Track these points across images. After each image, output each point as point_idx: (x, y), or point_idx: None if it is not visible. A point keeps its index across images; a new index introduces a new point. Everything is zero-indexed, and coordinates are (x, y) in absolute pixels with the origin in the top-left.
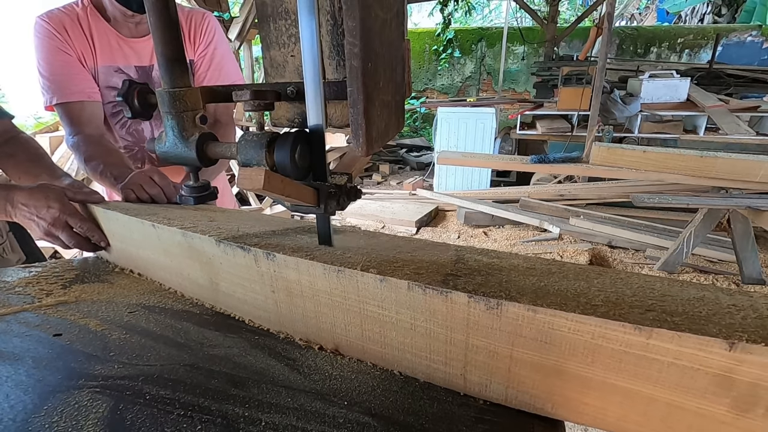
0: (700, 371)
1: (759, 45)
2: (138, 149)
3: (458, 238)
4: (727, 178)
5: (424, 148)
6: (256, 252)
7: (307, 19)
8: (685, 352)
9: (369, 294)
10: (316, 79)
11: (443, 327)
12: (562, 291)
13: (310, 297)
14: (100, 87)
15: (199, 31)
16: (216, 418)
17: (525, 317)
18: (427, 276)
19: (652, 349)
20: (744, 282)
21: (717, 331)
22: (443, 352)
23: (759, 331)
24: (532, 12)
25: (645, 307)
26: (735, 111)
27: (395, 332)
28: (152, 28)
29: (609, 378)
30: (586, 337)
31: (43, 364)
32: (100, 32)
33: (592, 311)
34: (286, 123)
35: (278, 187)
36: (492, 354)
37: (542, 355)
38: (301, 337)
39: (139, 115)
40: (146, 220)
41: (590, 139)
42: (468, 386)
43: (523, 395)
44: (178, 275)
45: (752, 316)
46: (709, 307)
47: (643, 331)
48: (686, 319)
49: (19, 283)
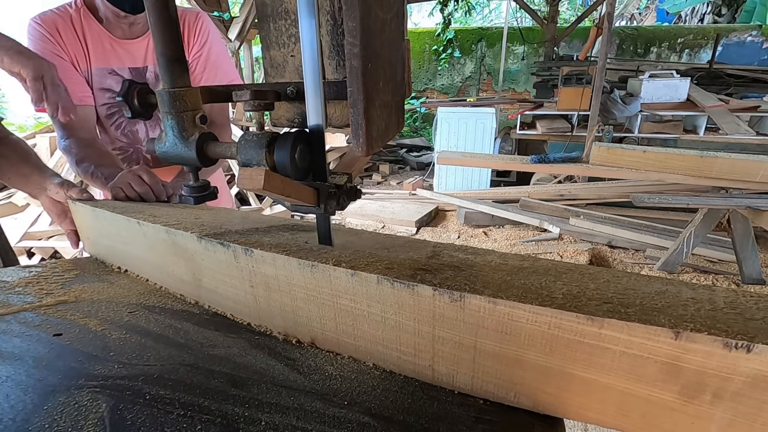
0: (649, 360)
1: (759, 45)
2: (133, 150)
3: (458, 238)
4: (727, 178)
5: (424, 148)
6: (235, 248)
7: (307, 19)
8: (634, 341)
9: (341, 288)
10: (316, 79)
11: (411, 319)
12: (526, 285)
13: (286, 292)
14: (93, 89)
15: (193, 31)
16: (216, 418)
17: (486, 309)
18: (398, 271)
19: (605, 338)
20: (744, 282)
21: (666, 321)
22: (412, 344)
23: (707, 321)
24: (532, 12)
25: (603, 300)
26: (735, 111)
27: (367, 325)
28: (152, 28)
29: (566, 367)
30: (543, 327)
31: (43, 364)
32: (94, 34)
33: (549, 303)
34: (286, 123)
35: (278, 187)
36: (458, 345)
37: (504, 346)
38: (280, 331)
39: (138, 115)
40: (132, 218)
41: (590, 139)
42: (436, 377)
43: (488, 384)
44: (163, 272)
45: (707, 308)
46: (667, 300)
47: (595, 321)
48: (639, 311)
49: (19, 283)
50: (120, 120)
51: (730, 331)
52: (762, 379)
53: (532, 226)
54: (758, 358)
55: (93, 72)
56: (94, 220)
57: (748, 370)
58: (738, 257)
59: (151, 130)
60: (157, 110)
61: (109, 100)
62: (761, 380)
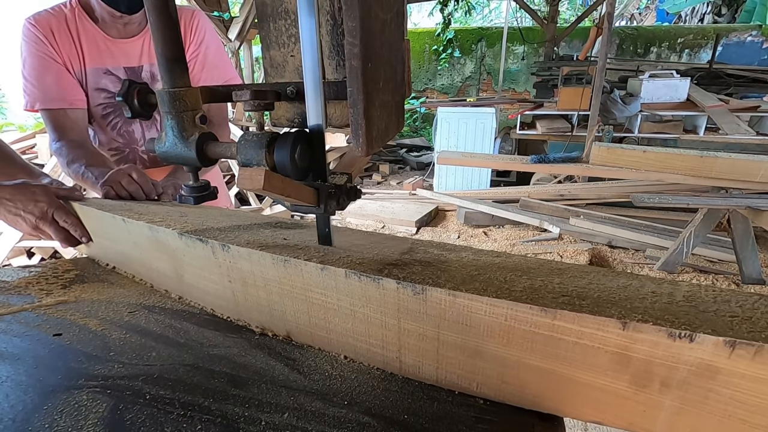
0: (600, 350)
1: (759, 45)
2: (129, 151)
3: (458, 238)
4: (727, 178)
5: (424, 148)
6: (213, 244)
7: (307, 19)
8: (585, 332)
9: (312, 282)
10: (316, 79)
11: (378, 312)
12: (490, 279)
13: (262, 286)
14: (89, 89)
15: (189, 30)
16: (216, 418)
17: (447, 301)
18: (368, 265)
19: (558, 329)
20: (744, 282)
21: (615, 312)
22: (380, 337)
23: (658, 313)
24: (532, 12)
25: (562, 293)
26: (735, 111)
27: (338, 318)
28: (152, 28)
29: (524, 358)
30: (500, 319)
31: (43, 364)
32: (88, 34)
33: (507, 295)
34: (286, 123)
35: (278, 187)
36: (422, 337)
37: (464, 337)
38: (257, 325)
39: (138, 115)
40: (117, 215)
41: (590, 139)
42: (403, 368)
43: (451, 375)
44: (148, 268)
45: (663, 301)
46: (627, 293)
47: (548, 312)
48: (592, 303)
49: (19, 283)
50: (116, 120)
51: (677, 322)
52: (705, 368)
53: (532, 226)
54: (700, 347)
55: (88, 72)
56: (84, 218)
57: (692, 359)
58: (738, 257)
59: (147, 130)
60: (155, 111)
61: (104, 100)
62: (705, 369)
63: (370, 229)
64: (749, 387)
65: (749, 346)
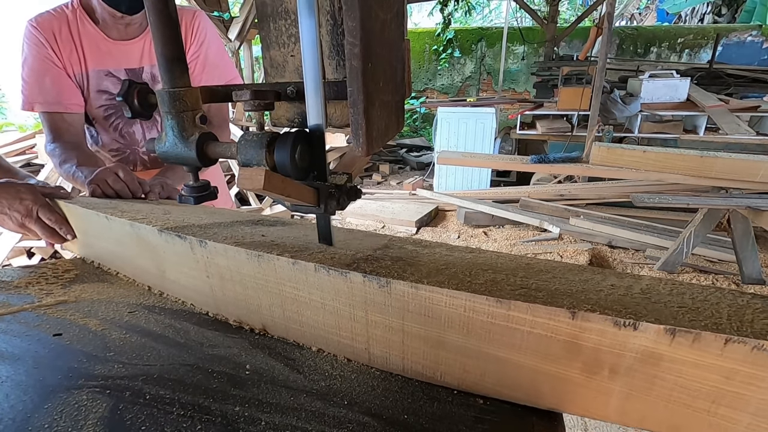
0: (552, 338)
1: (759, 45)
2: (130, 152)
3: (458, 238)
4: (727, 178)
5: (424, 148)
6: (191, 240)
7: (307, 19)
8: (538, 321)
9: (285, 276)
10: (316, 79)
11: (347, 305)
12: (455, 273)
13: (238, 281)
14: (90, 91)
15: (190, 31)
16: (216, 418)
17: (409, 293)
18: (339, 260)
19: (513, 319)
20: (744, 282)
21: (567, 303)
22: (349, 329)
23: (609, 304)
24: (532, 12)
25: (522, 286)
26: (735, 111)
27: (309, 311)
28: (152, 28)
29: (483, 347)
30: (460, 310)
31: (43, 364)
32: (89, 36)
33: (466, 288)
34: (286, 123)
35: (278, 187)
36: (388, 328)
37: (427, 328)
38: (235, 319)
39: (139, 115)
40: (101, 213)
41: (590, 139)
42: (372, 359)
43: (417, 365)
44: (130, 264)
45: (619, 293)
46: (586, 286)
47: (503, 303)
48: (547, 295)
49: (19, 283)
50: (117, 121)
51: (624, 312)
52: (650, 355)
53: (532, 226)
54: (644, 335)
55: (89, 74)
56: (69, 216)
57: (637, 346)
58: (738, 257)
59: (148, 131)
60: (156, 111)
61: (106, 102)
62: (649, 356)
63: (370, 229)
64: (690, 373)
65: (688, 334)
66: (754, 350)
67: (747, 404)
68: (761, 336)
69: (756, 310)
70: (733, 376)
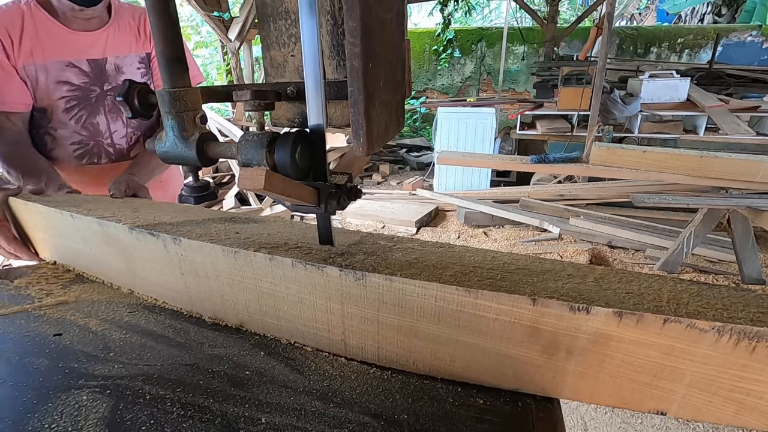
0: (515, 324)
1: (759, 45)
2: (93, 144)
3: (458, 238)
4: (727, 178)
5: (424, 148)
6: (165, 237)
7: (308, 19)
8: (503, 308)
9: (262, 272)
10: (317, 79)
11: (323, 298)
12: (427, 266)
13: (214, 278)
14: (49, 83)
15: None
16: (216, 418)
17: (384, 286)
18: (314, 255)
19: (480, 307)
20: (744, 282)
21: (528, 290)
22: (326, 321)
23: (566, 291)
24: (532, 12)
25: (488, 277)
26: (735, 111)
27: (286, 306)
28: (152, 28)
29: (452, 334)
30: (431, 300)
31: (43, 364)
32: (47, 28)
33: (436, 279)
34: (287, 123)
35: (279, 186)
36: (363, 319)
37: (401, 318)
38: (210, 316)
39: (139, 115)
40: (65, 211)
41: (590, 139)
42: (348, 350)
43: (391, 354)
44: (98, 263)
45: (575, 282)
46: (547, 276)
47: (471, 292)
48: (511, 284)
49: (19, 283)
50: (80, 113)
51: (579, 298)
52: (601, 336)
53: (532, 226)
54: (596, 318)
55: (48, 66)
56: (29, 215)
57: (589, 328)
58: (738, 257)
59: (112, 123)
60: (119, 104)
61: (67, 93)
62: (600, 336)
63: (370, 229)
64: (635, 350)
65: (633, 315)
66: (688, 328)
67: (683, 377)
68: (694, 315)
69: (692, 294)
70: (671, 352)
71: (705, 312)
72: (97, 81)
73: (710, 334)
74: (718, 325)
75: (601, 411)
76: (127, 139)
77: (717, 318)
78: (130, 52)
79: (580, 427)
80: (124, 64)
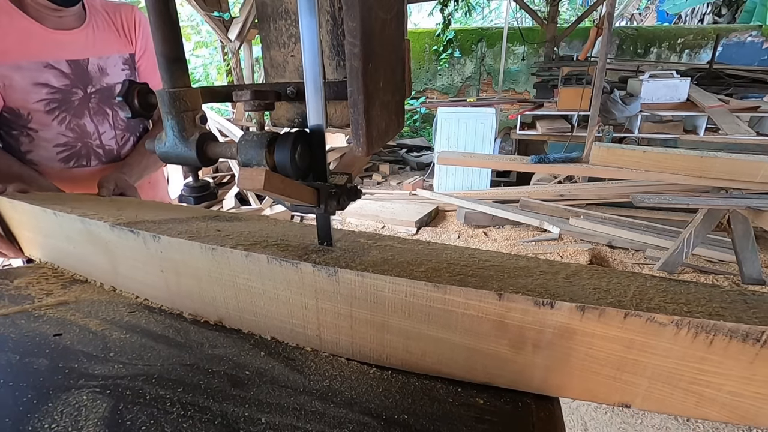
0: (483, 318)
1: (759, 45)
2: (81, 145)
3: (458, 238)
4: (727, 178)
5: (424, 148)
6: (144, 235)
7: (308, 19)
8: (471, 303)
9: (239, 268)
10: (317, 79)
11: (298, 294)
12: (401, 262)
13: (193, 275)
14: (26, 85)
15: (133, 25)
16: (216, 418)
17: (355, 281)
18: (290, 252)
19: (449, 303)
20: (744, 282)
21: (496, 287)
22: (301, 317)
23: (534, 287)
24: (532, 12)
25: (459, 273)
26: (735, 111)
27: (263, 302)
28: (152, 28)
29: (423, 329)
30: (402, 296)
31: (43, 364)
32: (21, 28)
33: (407, 275)
34: (286, 123)
35: (278, 187)
36: (337, 315)
37: (373, 313)
38: (190, 313)
39: (139, 115)
40: (48, 209)
41: (590, 139)
42: (323, 345)
43: (364, 348)
44: (82, 261)
45: (546, 278)
46: (519, 273)
47: (440, 288)
48: (481, 280)
49: (19, 283)
50: (63, 114)
51: (544, 293)
52: (565, 330)
53: (532, 226)
54: (560, 312)
55: (24, 67)
56: (13, 213)
57: (554, 322)
58: (738, 257)
59: (99, 124)
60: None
61: (47, 95)
62: (565, 331)
63: (370, 229)
64: (598, 344)
65: (595, 310)
66: (647, 322)
67: (645, 370)
68: (654, 310)
69: (659, 290)
70: (632, 345)
71: (666, 306)
72: (80, 83)
73: (669, 328)
74: (677, 318)
75: (601, 411)
76: (116, 140)
77: (676, 312)
78: (113, 53)
79: (580, 427)
80: (107, 65)
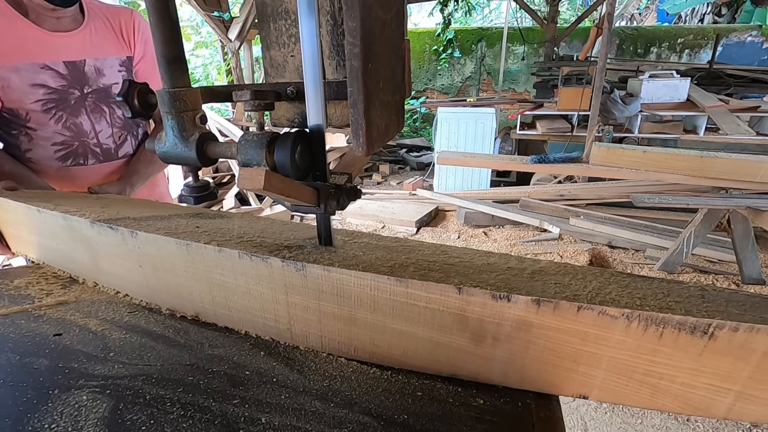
0: (444, 312)
1: (759, 45)
2: (78, 144)
3: (458, 238)
4: (727, 178)
5: (424, 148)
6: (123, 231)
7: (307, 19)
8: (432, 297)
9: (212, 264)
10: (317, 79)
11: (269, 289)
12: (370, 259)
13: (170, 270)
14: (23, 86)
15: (131, 29)
16: (216, 418)
17: (323, 276)
18: (263, 248)
19: (412, 296)
20: (744, 282)
21: (457, 281)
22: (272, 311)
23: (497, 282)
24: (532, 12)
25: (425, 268)
26: (735, 111)
27: (236, 296)
28: (152, 28)
29: (388, 323)
30: (366, 290)
31: (43, 364)
32: (18, 29)
33: (372, 270)
34: (286, 123)
35: (278, 187)
36: (306, 309)
37: (340, 307)
38: (168, 308)
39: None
40: (32, 206)
41: (590, 139)
42: (294, 339)
43: (333, 342)
44: (65, 257)
45: (511, 274)
46: (485, 269)
47: (402, 282)
48: (444, 275)
49: (19, 283)
50: (60, 113)
51: (503, 287)
52: (522, 323)
53: (532, 226)
54: (516, 305)
55: (20, 68)
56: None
57: (512, 315)
58: (738, 257)
59: (96, 123)
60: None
61: (44, 96)
62: (522, 323)
63: (370, 229)
64: (555, 336)
65: (549, 303)
66: (600, 315)
67: (600, 362)
68: (606, 303)
69: (620, 286)
70: (587, 338)
71: (620, 300)
72: (76, 83)
73: (620, 321)
74: (627, 311)
75: (601, 411)
76: (113, 139)
77: (629, 306)
78: (110, 55)
79: (580, 427)
80: (104, 66)
